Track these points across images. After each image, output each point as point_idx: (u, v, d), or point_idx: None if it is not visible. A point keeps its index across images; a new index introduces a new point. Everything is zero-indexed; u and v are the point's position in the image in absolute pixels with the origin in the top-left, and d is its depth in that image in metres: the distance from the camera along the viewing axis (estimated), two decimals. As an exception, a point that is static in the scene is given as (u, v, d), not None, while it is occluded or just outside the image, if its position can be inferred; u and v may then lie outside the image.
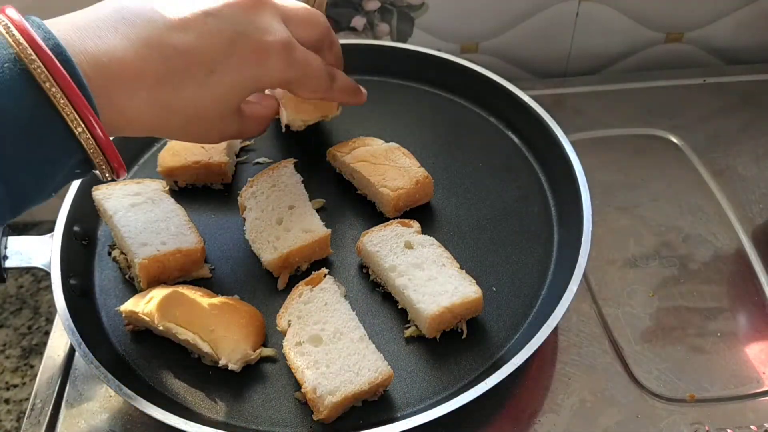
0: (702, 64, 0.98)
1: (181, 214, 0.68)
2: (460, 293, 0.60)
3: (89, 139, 0.44)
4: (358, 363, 0.56)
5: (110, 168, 0.47)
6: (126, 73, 0.47)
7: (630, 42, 0.95)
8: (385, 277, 0.64)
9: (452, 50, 0.93)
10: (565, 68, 0.97)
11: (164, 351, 0.62)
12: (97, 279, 0.67)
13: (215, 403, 0.58)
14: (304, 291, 0.61)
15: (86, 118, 0.43)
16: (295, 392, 0.59)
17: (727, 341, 0.66)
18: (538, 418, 0.61)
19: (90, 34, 0.46)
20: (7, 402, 0.73)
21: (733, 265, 0.72)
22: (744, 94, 0.90)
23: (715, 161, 0.82)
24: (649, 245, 0.73)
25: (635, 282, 0.70)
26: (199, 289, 0.62)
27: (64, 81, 0.42)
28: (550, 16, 0.91)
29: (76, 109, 0.43)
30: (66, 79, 0.42)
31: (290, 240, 0.65)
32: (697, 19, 0.94)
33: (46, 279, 0.84)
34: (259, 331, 0.61)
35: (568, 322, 0.67)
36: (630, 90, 0.91)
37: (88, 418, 0.61)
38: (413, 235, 0.65)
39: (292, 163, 0.73)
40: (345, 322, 0.59)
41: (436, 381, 0.59)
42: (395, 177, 0.69)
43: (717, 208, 0.77)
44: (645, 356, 0.65)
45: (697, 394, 0.62)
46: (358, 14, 0.89)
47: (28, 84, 0.42)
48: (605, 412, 0.61)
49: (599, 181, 0.77)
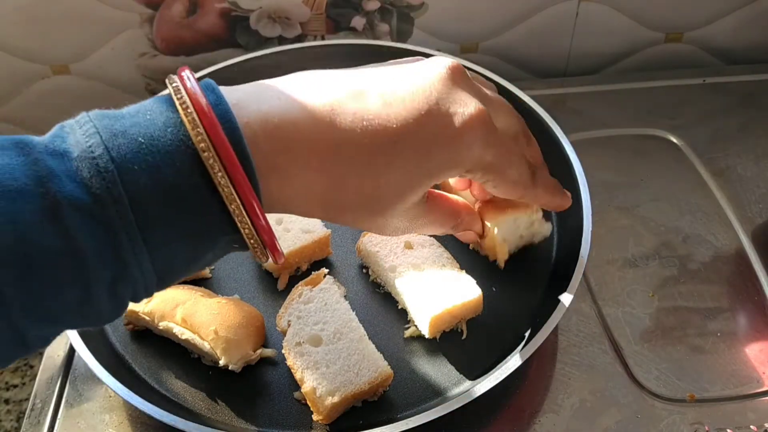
0: (702, 64, 0.98)
1: (181, 214, 0.68)
2: (460, 293, 0.60)
3: (244, 218, 0.38)
4: (358, 363, 0.56)
5: (266, 253, 0.41)
6: (298, 137, 0.40)
7: (630, 42, 0.95)
8: (385, 278, 0.64)
9: (452, 50, 0.93)
10: (565, 68, 0.97)
11: (164, 351, 0.62)
12: (97, 279, 0.67)
13: (215, 403, 0.58)
14: (304, 291, 0.61)
15: (246, 200, 0.37)
16: (294, 392, 0.59)
17: (727, 341, 0.66)
18: (538, 418, 0.61)
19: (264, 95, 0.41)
20: (6, 402, 0.73)
21: (733, 265, 0.72)
22: (744, 94, 0.90)
23: (715, 161, 0.82)
24: (649, 245, 0.73)
25: (635, 282, 0.70)
26: (199, 289, 0.62)
27: (223, 150, 0.36)
28: (550, 16, 0.91)
29: (236, 189, 0.37)
30: (226, 147, 0.36)
31: (290, 240, 0.65)
32: (697, 19, 0.93)
33: (46, 279, 0.84)
34: (259, 331, 0.61)
35: (568, 322, 0.67)
36: (630, 90, 0.91)
37: (88, 418, 0.61)
38: (413, 235, 0.65)
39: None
40: (345, 322, 0.59)
41: (436, 381, 0.59)
42: (395, 177, 0.69)
43: (717, 208, 0.77)
44: (645, 356, 0.65)
45: (697, 394, 0.62)
46: (358, 14, 0.89)
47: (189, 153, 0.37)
48: (605, 412, 0.61)
49: (599, 181, 0.77)
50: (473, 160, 0.46)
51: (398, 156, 0.43)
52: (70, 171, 0.35)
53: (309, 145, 0.40)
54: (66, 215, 0.34)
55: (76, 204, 0.34)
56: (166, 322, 0.59)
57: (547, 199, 0.55)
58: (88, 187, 0.35)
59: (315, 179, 0.41)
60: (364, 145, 0.42)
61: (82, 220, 0.35)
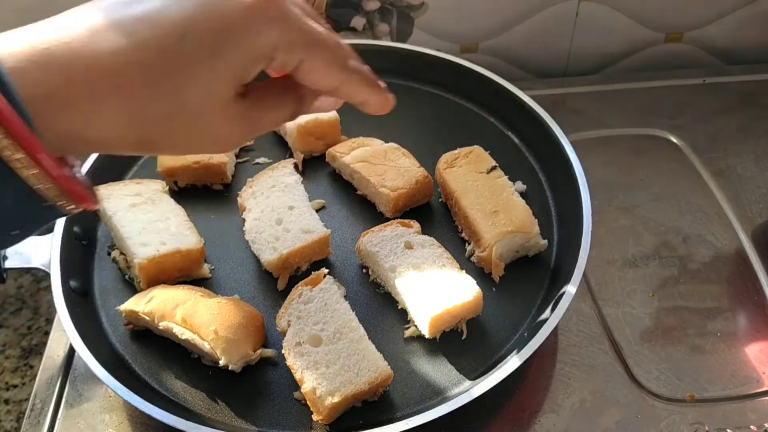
0: (702, 64, 0.98)
1: (181, 214, 0.68)
2: (460, 294, 0.60)
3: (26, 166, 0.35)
4: (358, 363, 0.56)
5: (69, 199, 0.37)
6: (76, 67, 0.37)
7: (630, 42, 0.95)
8: (385, 278, 0.64)
9: (452, 50, 0.93)
10: (565, 68, 0.97)
11: (164, 351, 0.62)
12: (96, 279, 0.67)
13: (215, 403, 0.58)
14: (304, 291, 0.61)
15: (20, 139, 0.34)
16: (294, 392, 0.58)
17: (727, 341, 0.66)
18: (538, 418, 0.61)
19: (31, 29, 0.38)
20: (6, 402, 0.73)
21: (733, 265, 0.72)
22: (744, 94, 0.90)
23: (715, 161, 0.82)
24: (649, 245, 0.73)
25: (635, 282, 0.70)
26: (199, 289, 0.62)
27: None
28: (550, 16, 0.91)
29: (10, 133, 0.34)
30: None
31: (290, 241, 0.65)
32: (697, 19, 0.93)
33: (46, 279, 0.84)
34: (259, 331, 0.61)
35: (568, 322, 0.67)
36: (630, 90, 0.91)
37: (88, 418, 0.61)
38: (413, 235, 0.65)
39: (292, 163, 0.73)
40: (345, 322, 0.59)
41: (436, 381, 0.59)
42: (395, 177, 0.69)
43: (717, 208, 0.77)
44: (645, 356, 0.65)
45: (697, 394, 0.62)
46: (358, 14, 0.89)
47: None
48: (605, 412, 0.61)
49: (599, 181, 0.77)
50: (270, 43, 0.42)
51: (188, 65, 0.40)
52: None
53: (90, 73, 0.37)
54: None
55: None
56: (166, 322, 0.59)
57: (365, 91, 0.48)
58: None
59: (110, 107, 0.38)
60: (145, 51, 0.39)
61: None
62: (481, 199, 0.67)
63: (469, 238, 0.68)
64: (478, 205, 0.66)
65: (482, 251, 0.65)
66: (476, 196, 0.67)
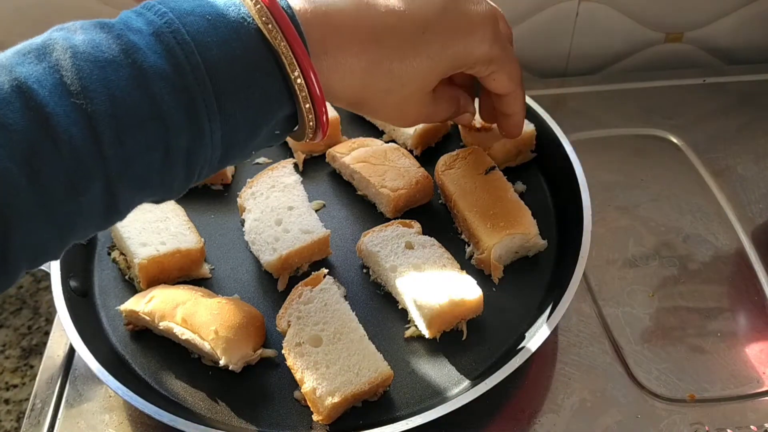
0: (702, 64, 0.98)
1: (181, 214, 0.68)
2: (461, 294, 0.60)
3: (303, 86, 0.43)
4: (358, 363, 0.56)
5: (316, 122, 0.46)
6: (343, 24, 0.46)
7: (630, 42, 0.95)
8: (385, 278, 0.64)
9: (452, 50, 0.93)
10: (565, 68, 0.97)
11: (164, 351, 0.62)
12: (96, 279, 0.67)
13: (215, 403, 0.58)
14: (304, 291, 0.61)
15: (305, 69, 0.43)
16: (294, 392, 0.59)
17: (727, 341, 0.66)
18: (538, 418, 0.61)
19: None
20: (6, 402, 0.73)
21: (733, 265, 0.72)
22: (743, 94, 0.90)
23: (715, 161, 0.82)
24: (649, 245, 0.73)
25: (635, 282, 0.70)
26: (199, 289, 0.62)
27: (283, 22, 0.42)
28: (550, 16, 0.91)
29: (294, 54, 0.42)
30: (286, 20, 0.42)
31: (290, 241, 0.65)
32: (697, 19, 0.93)
33: (46, 279, 0.84)
34: (259, 331, 0.61)
35: (568, 322, 0.67)
36: (630, 90, 0.91)
37: (88, 418, 0.61)
38: (414, 235, 0.65)
39: (291, 163, 0.73)
40: (345, 322, 0.59)
41: (436, 381, 0.59)
42: (395, 177, 0.69)
43: (717, 208, 0.77)
44: (645, 356, 0.65)
45: (697, 394, 0.62)
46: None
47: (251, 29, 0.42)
48: (605, 412, 0.61)
49: (599, 181, 0.77)
50: (483, 51, 0.53)
51: (425, 43, 0.49)
52: (150, 44, 0.39)
53: (352, 31, 0.46)
54: (151, 83, 0.39)
55: (160, 73, 0.39)
56: (166, 322, 0.59)
57: (520, 107, 0.62)
58: (169, 58, 0.39)
59: (355, 64, 0.47)
60: (398, 30, 0.48)
61: (166, 88, 0.39)
62: (479, 201, 0.67)
63: (468, 240, 0.68)
64: (476, 207, 0.66)
65: (481, 254, 0.65)
66: (474, 198, 0.67)
